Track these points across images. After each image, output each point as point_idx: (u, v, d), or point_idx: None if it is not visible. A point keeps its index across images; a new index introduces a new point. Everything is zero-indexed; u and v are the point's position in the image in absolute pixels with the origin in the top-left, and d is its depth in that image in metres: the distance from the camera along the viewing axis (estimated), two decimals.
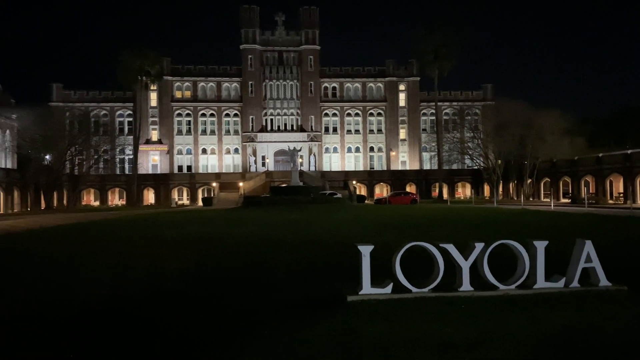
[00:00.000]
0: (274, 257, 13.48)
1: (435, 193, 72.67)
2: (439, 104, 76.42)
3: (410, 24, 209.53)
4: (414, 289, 7.56)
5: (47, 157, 61.22)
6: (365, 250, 7.38)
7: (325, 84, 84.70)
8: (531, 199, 62.50)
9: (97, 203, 71.35)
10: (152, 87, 74.92)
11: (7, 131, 61.33)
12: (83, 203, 70.54)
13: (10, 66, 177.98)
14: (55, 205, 61.22)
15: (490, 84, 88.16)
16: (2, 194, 52.93)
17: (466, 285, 7.76)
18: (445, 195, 69.39)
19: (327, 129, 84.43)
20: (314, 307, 7.31)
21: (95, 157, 67.27)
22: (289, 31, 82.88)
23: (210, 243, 17.39)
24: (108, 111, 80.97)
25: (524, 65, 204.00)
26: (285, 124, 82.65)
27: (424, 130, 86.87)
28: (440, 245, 7.76)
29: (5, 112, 59.93)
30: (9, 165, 61.12)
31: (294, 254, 14.07)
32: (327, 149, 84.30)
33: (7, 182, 54.22)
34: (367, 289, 7.36)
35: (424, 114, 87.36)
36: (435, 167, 75.42)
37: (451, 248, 7.76)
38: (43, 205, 58.65)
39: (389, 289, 7.45)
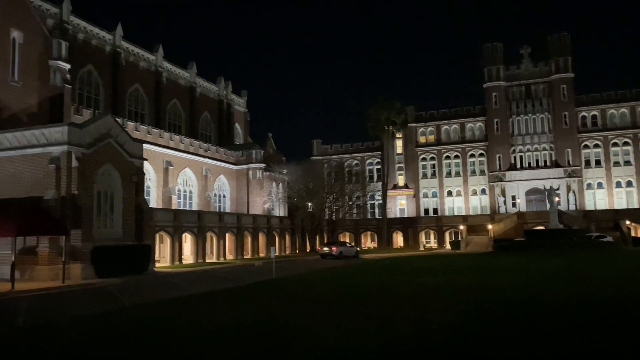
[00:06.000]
0: (548, 318, 12.18)
1: None
2: None
3: None
4: None
5: (310, 204, 69.01)
6: None
7: (583, 113, 76.18)
8: None
9: None
10: (397, 135, 78.71)
11: (280, 184, 71.50)
12: None
13: (277, 127, 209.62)
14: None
15: None
16: (277, 237, 61.43)
17: None
18: None
19: (587, 163, 75.15)
20: None
21: (350, 203, 73.47)
22: (536, 62, 77.93)
23: (470, 294, 16.81)
24: (359, 161, 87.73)
25: None
26: (537, 160, 76.65)
27: None
28: None
29: (279, 169, 70.27)
30: (281, 214, 70.80)
31: (573, 316, 12.48)
32: (589, 184, 74.79)
33: (280, 228, 62.90)
34: None
35: None
36: None
37: None
38: (308, 248, 65.94)
39: None
